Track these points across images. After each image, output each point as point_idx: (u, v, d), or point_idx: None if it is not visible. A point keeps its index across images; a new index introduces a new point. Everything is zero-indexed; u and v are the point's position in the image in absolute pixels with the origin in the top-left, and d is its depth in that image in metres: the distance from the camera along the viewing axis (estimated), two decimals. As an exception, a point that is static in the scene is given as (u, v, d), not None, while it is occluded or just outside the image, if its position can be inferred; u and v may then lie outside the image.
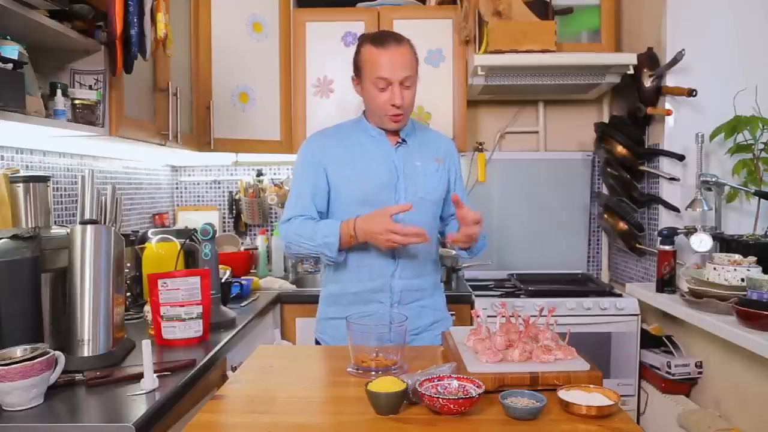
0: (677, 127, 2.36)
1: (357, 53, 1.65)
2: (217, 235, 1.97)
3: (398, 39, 1.62)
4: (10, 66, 1.33)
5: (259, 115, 2.64)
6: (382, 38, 1.61)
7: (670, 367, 2.11)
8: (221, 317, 1.79)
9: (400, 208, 1.53)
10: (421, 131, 1.78)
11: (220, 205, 3.09)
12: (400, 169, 1.67)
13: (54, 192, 1.98)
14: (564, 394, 1.08)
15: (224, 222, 3.09)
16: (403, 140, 1.70)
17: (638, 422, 2.35)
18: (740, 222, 2.32)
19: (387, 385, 1.07)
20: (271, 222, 3.09)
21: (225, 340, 1.66)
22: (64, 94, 1.61)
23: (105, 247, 1.41)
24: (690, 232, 2.18)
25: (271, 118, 2.67)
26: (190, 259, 2.02)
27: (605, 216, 2.72)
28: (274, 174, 3.09)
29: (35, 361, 1.14)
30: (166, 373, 1.33)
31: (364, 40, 1.64)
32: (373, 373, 1.26)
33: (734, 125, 2.16)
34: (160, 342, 1.58)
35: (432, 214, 1.72)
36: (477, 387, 1.08)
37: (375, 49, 1.59)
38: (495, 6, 2.44)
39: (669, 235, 2.21)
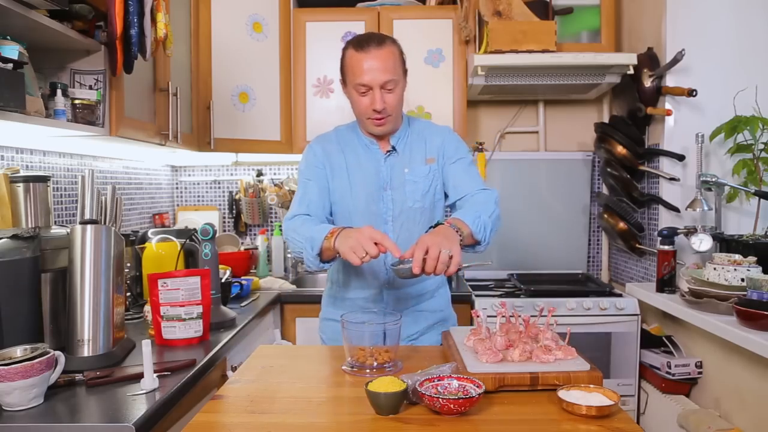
0: (677, 127, 2.36)
1: (342, 58, 1.61)
2: (217, 235, 1.97)
3: (380, 41, 1.55)
4: (10, 66, 1.33)
5: (259, 115, 2.64)
6: (364, 41, 1.55)
7: (670, 367, 2.11)
8: (221, 317, 1.79)
9: (394, 248, 1.33)
10: (418, 129, 1.71)
11: (220, 205, 3.09)
12: (387, 180, 1.64)
13: (54, 192, 1.98)
14: (564, 394, 1.08)
15: (224, 222, 3.09)
16: (393, 148, 1.65)
17: (638, 422, 2.35)
18: (740, 222, 2.32)
19: (387, 385, 1.07)
20: (271, 222, 3.09)
21: (225, 340, 1.66)
22: (64, 94, 1.61)
23: (105, 247, 1.41)
24: (690, 232, 2.17)
25: (271, 118, 2.67)
26: (190, 259, 2.02)
27: (605, 216, 2.72)
28: (274, 174, 3.09)
29: (35, 361, 1.14)
30: (166, 373, 1.33)
31: (348, 44, 1.59)
32: (368, 370, 1.28)
33: (734, 125, 2.16)
34: (160, 342, 1.58)
35: (425, 219, 1.65)
36: (477, 387, 1.08)
37: (356, 53, 1.54)
38: (495, 6, 2.44)
39: (669, 235, 2.21)
